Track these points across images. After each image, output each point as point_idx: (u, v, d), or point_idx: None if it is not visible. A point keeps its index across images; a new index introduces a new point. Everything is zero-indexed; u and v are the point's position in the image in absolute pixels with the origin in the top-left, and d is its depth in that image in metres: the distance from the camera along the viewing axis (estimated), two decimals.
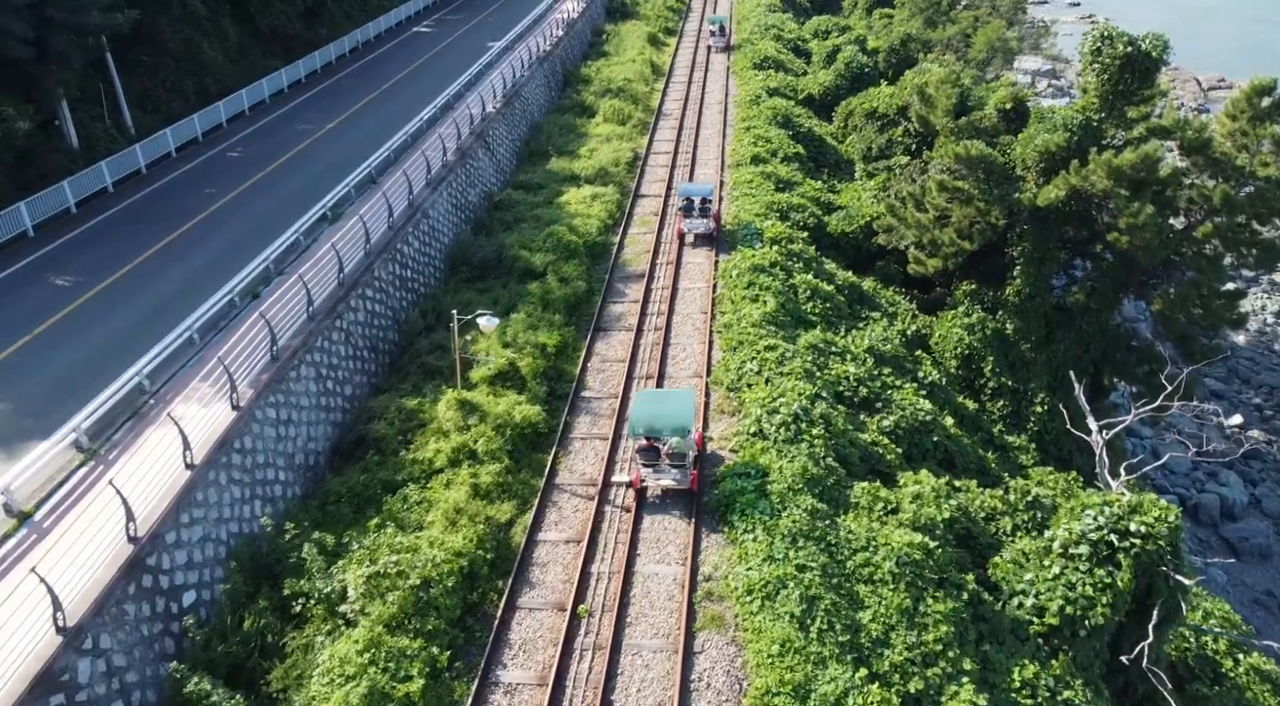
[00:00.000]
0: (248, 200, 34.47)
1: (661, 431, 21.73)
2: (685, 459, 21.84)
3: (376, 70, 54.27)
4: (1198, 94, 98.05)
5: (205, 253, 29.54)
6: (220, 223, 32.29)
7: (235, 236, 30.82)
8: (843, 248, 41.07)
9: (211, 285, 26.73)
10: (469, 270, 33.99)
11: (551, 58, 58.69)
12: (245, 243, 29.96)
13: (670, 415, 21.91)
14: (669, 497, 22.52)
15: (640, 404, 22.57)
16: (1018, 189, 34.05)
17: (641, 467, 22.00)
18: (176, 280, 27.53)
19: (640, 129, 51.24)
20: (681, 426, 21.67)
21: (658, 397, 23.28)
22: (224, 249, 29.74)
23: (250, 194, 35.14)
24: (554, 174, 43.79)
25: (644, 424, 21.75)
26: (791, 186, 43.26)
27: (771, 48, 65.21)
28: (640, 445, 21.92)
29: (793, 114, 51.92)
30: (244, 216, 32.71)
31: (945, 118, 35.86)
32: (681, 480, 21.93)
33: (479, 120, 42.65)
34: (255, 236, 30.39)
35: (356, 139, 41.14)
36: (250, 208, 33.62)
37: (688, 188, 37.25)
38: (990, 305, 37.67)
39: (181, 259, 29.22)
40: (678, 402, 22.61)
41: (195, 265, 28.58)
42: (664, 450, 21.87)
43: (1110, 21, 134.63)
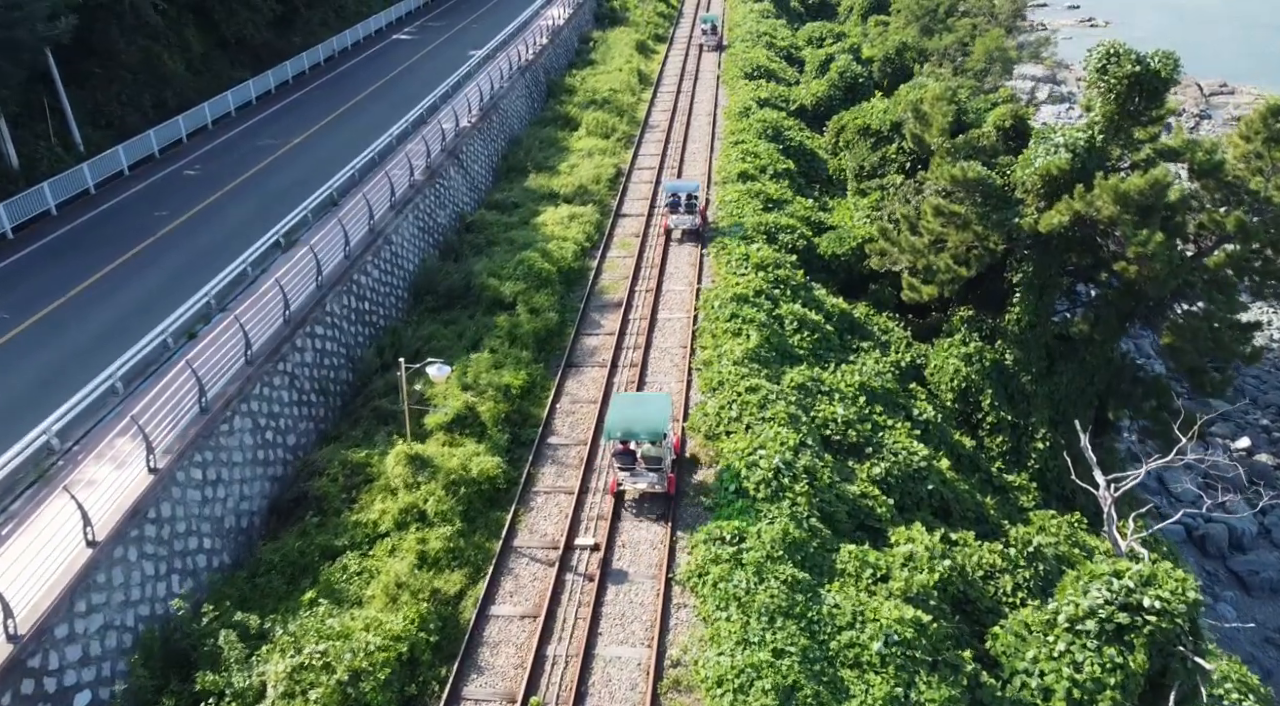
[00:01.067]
0: (200, 224, 32.40)
1: (638, 435, 21.45)
2: (662, 462, 21.78)
3: (350, 81, 52.21)
4: (1199, 99, 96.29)
5: (145, 285, 27.46)
6: (167, 249, 30.21)
7: (180, 266, 28.75)
8: (834, 270, 39.07)
9: (146, 323, 24.65)
10: (434, 299, 31.93)
11: (534, 67, 56.67)
12: (190, 273, 27.89)
13: (647, 418, 21.68)
14: (639, 555, 20.58)
15: (617, 407, 22.34)
16: (1018, 213, 32.06)
17: (619, 471, 21.90)
18: (109, 317, 25.45)
19: (624, 143, 49.22)
20: (658, 430, 21.42)
21: (634, 401, 22.98)
22: (166, 281, 27.67)
23: (203, 217, 33.07)
24: (531, 192, 41.75)
25: (620, 428, 21.50)
26: (781, 205, 41.26)
27: (763, 56, 63.26)
28: (617, 449, 21.84)
29: (783, 127, 49.94)
30: (193, 243, 30.63)
31: (941, 137, 33.87)
32: (658, 483, 21.85)
33: (452, 136, 40.61)
34: (201, 266, 28.32)
35: (322, 156, 39.07)
36: (201, 233, 31.55)
37: (674, 184, 37.54)
38: (988, 333, 35.70)
39: (118, 292, 27.14)
40: (654, 406, 22.30)
41: (132, 299, 26.51)
42: (640, 453, 21.74)
43: (1110, 24, 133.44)
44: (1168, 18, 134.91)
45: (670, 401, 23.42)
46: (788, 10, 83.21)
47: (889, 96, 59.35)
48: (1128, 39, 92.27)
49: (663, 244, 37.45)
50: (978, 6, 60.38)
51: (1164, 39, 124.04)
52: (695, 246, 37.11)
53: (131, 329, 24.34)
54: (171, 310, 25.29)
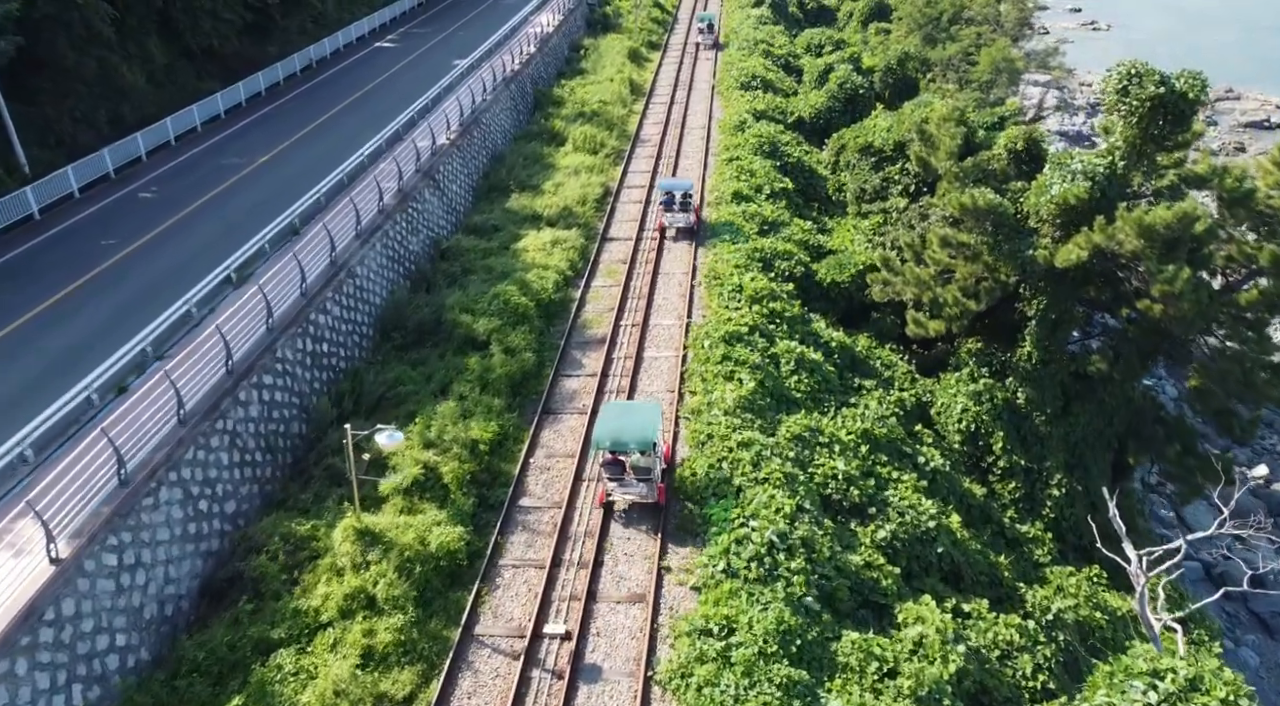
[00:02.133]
0: (150, 254, 29.99)
1: (627, 445, 20.98)
2: (651, 472, 21.40)
3: (328, 92, 49.81)
4: (1205, 105, 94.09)
5: (76, 328, 25.02)
6: (109, 284, 27.80)
7: (121, 304, 26.33)
8: (833, 299, 36.71)
9: (73, 375, 22.24)
10: (402, 337, 29.52)
11: (521, 77, 54.29)
12: (131, 312, 25.48)
13: (636, 428, 21.20)
14: (615, 646, 18.23)
15: (605, 417, 21.94)
16: (1032, 244, 29.72)
17: (607, 482, 21.57)
18: (30, 368, 23.00)
19: (614, 159, 46.86)
20: (647, 440, 20.92)
21: (623, 410, 22.55)
22: (102, 322, 25.25)
23: (155, 245, 30.65)
24: (513, 214, 39.37)
25: (609, 438, 21.00)
26: (777, 228, 38.91)
27: (759, 65, 60.93)
28: (606, 459, 21.49)
29: (780, 142, 47.59)
30: (139, 276, 28.22)
31: (949, 160, 31.52)
32: (648, 494, 21.53)
33: (427, 155, 38.21)
34: (144, 304, 25.91)
35: (289, 175, 36.67)
36: (149, 264, 29.15)
37: (668, 182, 37.58)
38: (998, 368, 33.35)
39: (45, 335, 24.68)
40: (643, 415, 21.89)
41: (60, 346, 24.05)
42: (629, 463, 21.40)
43: (1112, 28, 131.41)
44: (1170, 20, 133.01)
45: (660, 410, 22.69)
46: (785, 16, 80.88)
47: (891, 108, 57.10)
48: (1129, 42, 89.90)
49: (651, 270, 35.11)
50: (982, 14, 58.06)
51: (1167, 42, 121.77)
52: (686, 275, 34.79)
53: (54, 383, 21.92)
54: (104, 357, 22.89)
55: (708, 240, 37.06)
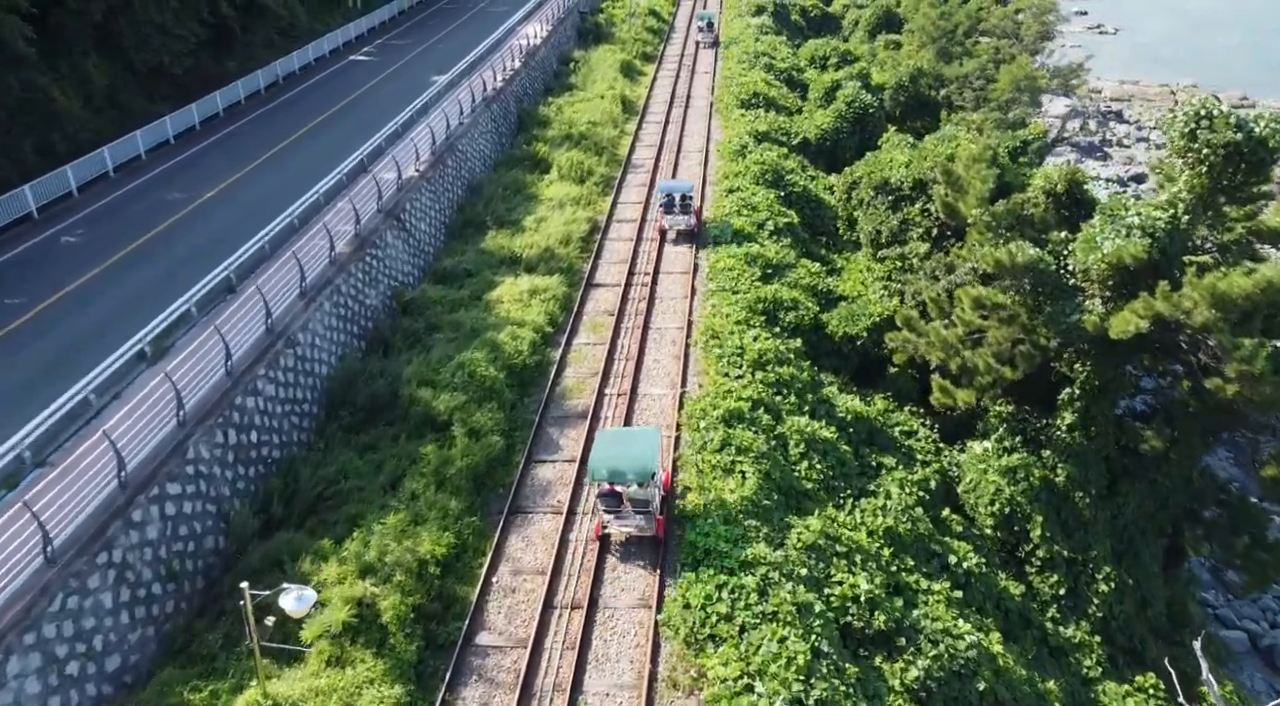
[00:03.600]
0: (60, 316, 25.95)
1: (625, 474, 19.90)
2: (650, 504, 20.47)
3: (292, 112, 45.76)
4: None
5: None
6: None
7: (10, 387, 22.29)
8: (845, 354, 32.77)
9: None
10: (352, 415, 25.50)
11: (504, 95, 50.27)
12: (12, 404, 21.39)
13: (634, 456, 20.19)
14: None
15: (601, 445, 21.05)
16: (1078, 307, 25.77)
17: (603, 514, 20.57)
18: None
19: (603, 189, 42.85)
20: (646, 470, 19.92)
21: (620, 438, 21.50)
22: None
23: (70, 304, 26.62)
24: (488, 255, 35.37)
25: (605, 468, 19.95)
26: (782, 272, 34.93)
27: (761, 80, 56.90)
28: (602, 490, 20.42)
29: (785, 169, 43.60)
30: (35, 351, 24.07)
31: (979, 207, 27.55)
32: (646, 526, 20.64)
33: (392, 190, 34.21)
34: (32, 391, 21.86)
35: (234, 216, 32.65)
36: (56, 330, 25.11)
37: (667, 184, 37.41)
38: (1032, 435, 29.43)
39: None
40: (642, 443, 20.91)
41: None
42: (626, 494, 20.30)
43: (1119, 31, 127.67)
44: (1176, 23, 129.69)
45: (660, 437, 21.68)
46: (788, 24, 76.84)
47: (902, 129, 53.18)
48: (1135, 45, 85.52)
49: (641, 324, 31.15)
50: (1000, 26, 54.11)
51: (1174, 46, 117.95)
52: (681, 330, 30.84)
53: None
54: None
55: (706, 289, 33.10)
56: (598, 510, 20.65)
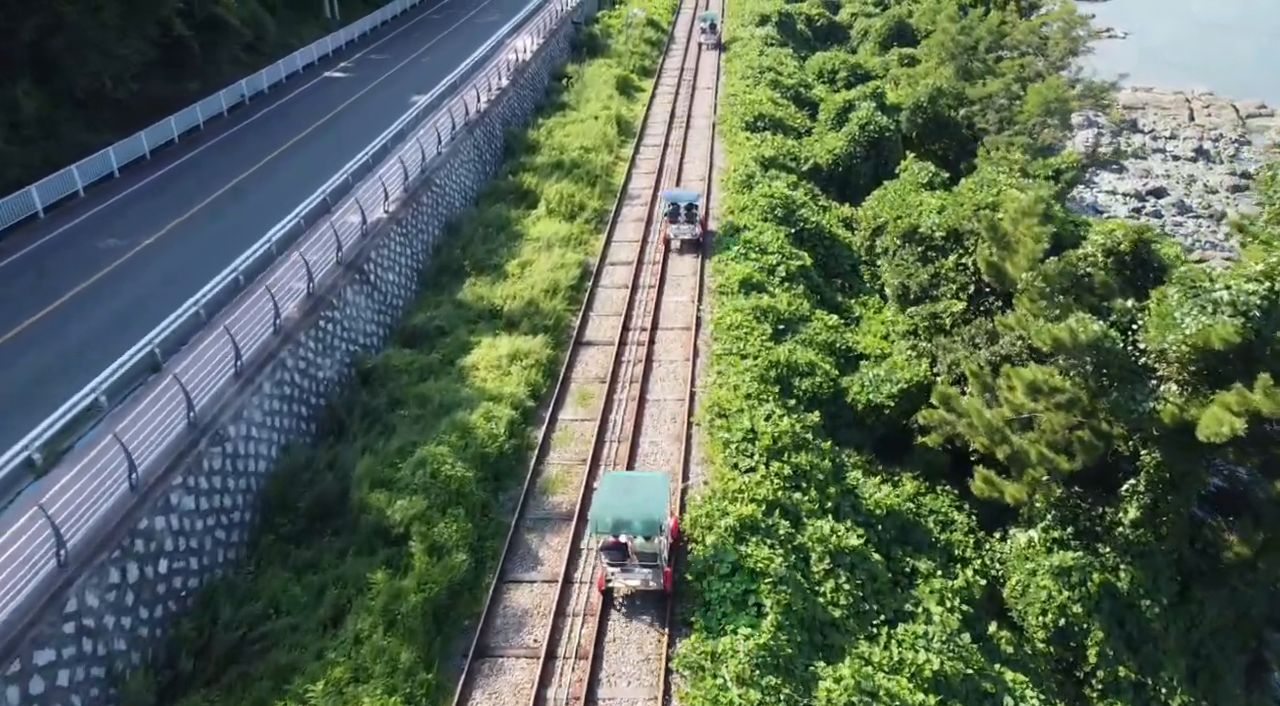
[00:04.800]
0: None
1: (630, 524, 18.62)
2: (658, 557, 19.20)
3: (255, 138, 41.77)
4: (1236, 123, 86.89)
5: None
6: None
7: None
8: (869, 426, 28.84)
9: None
10: (292, 522, 21.50)
11: (489, 118, 46.28)
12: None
13: (640, 506, 18.83)
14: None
15: (605, 493, 19.55)
16: (1153, 393, 21.83)
17: (607, 567, 19.34)
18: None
19: (595, 225, 38.87)
20: (654, 521, 18.63)
21: (625, 485, 19.79)
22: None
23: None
24: (465, 309, 31.40)
25: (610, 518, 18.69)
26: (795, 327, 30.98)
27: (767, 99, 52.93)
28: (606, 543, 19.13)
29: (795, 203, 39.61)
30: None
31: (1030, 271, 23.57)
32: (653, 579, 19.26)
33: (355, 238, 30.23)
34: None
35: (171, 269, 28.67)
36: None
37: (672, 193, 36.21)
38: (1086, 525, 25.52)
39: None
40: (649, 491, 19.45)
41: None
42: (632, 547, 19.08)
43: (1128, 35, 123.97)
44: (1185, 27, 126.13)
45: (668, 484, 20.29)
46: (794, 34, 72.80)
47: (921, 153, 49.29)
48: (1144, 50, 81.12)
49: (638, 394, 27.22)
50: (1026, 41, 50.12)
51: (1184, 50, 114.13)
52: (682, 402, 26.90)
53: None
54: None
55: (711, 351, 29.14)
56: (600, 563, 19.22)
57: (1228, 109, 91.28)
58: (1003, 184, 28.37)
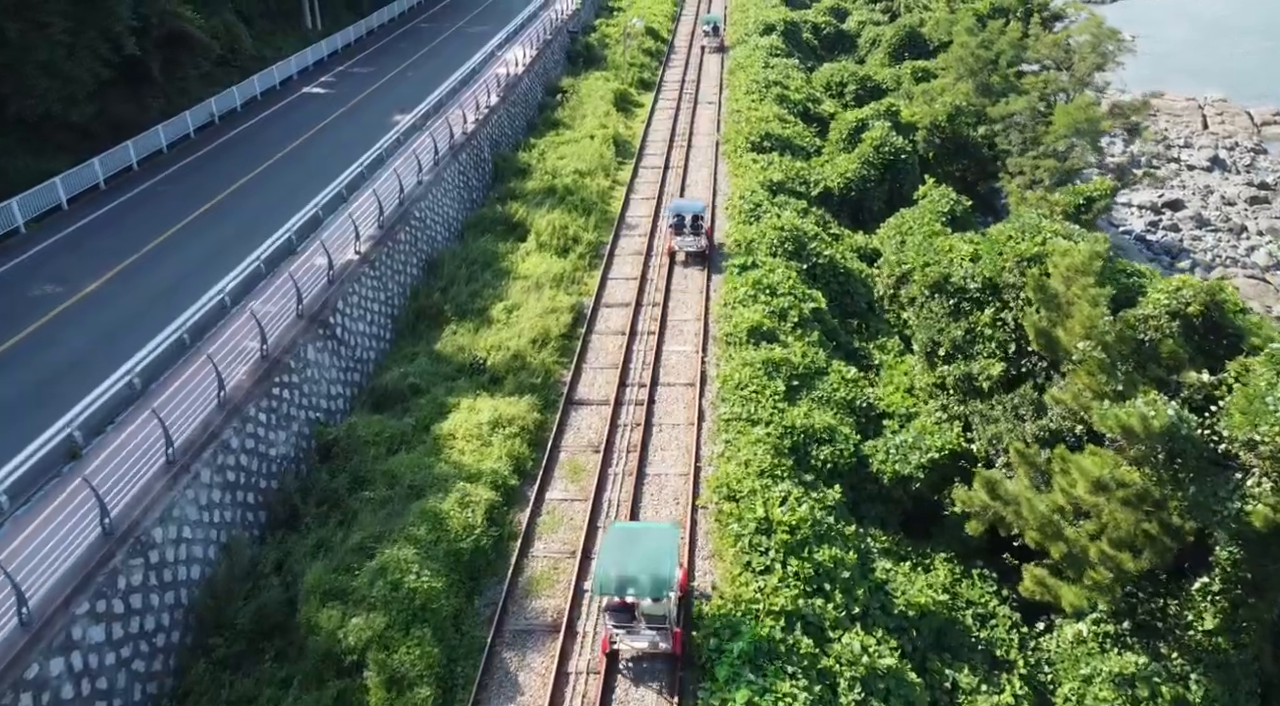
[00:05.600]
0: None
1: (637, 582, 17.02)
2: (667, 619, 17.60)
3: (222, 163, 38.55)
4: (1251, 131, 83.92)
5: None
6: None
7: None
8: (895, 500, 25.68)
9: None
10: (229, 643, 18.29)
11: (477, 139, 43.09)
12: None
13: (648, 564, 17.22)
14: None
15: (610, 548, 18.05)
16: (1237, 489, 18.68)
17: (612, 628, 17.66)
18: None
19: (590, 260, 35.68)
20: (663, 579, 17.09)
21: (630, 539, 18.32)
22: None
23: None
24: (444, 362, 28.23)
25: (615, 578, 17.08)
26: (810, 382, 27.82)
27: (773, 116, 49.74)
28: (611, 603, 17.54)
29: (807, 236, 36.43)
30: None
31: (1088, 340, 20.37)
32: (662, 641, 17.63)
33: (320, 287, 27.05)
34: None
35: (110, 323, 25.46)
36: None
37: (678, 204, 35.09)
38: (1145, 622, 22.38)
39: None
40: (657, 545, 17.93)
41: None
42: (639, 608, 17.46)
43: (1137, 38, 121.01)
44: (1194, 31, 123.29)
45: (678, 537, 19.24)
46: (799, 44, 69.66)
47: (939, 176, 46.14)
48: (1156, 55, 77.93)
49: (636, 467, 24.09)
50: (1051, 55, 46.95)
51: (1195, 54, 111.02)
52: (686, 478, 23.76)
53: None
54: None
55: (718, 414, 25.98)
56: (605, 623, 17.86)
57: (1242, 116, 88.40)
58: (1047, 231, 25.15)
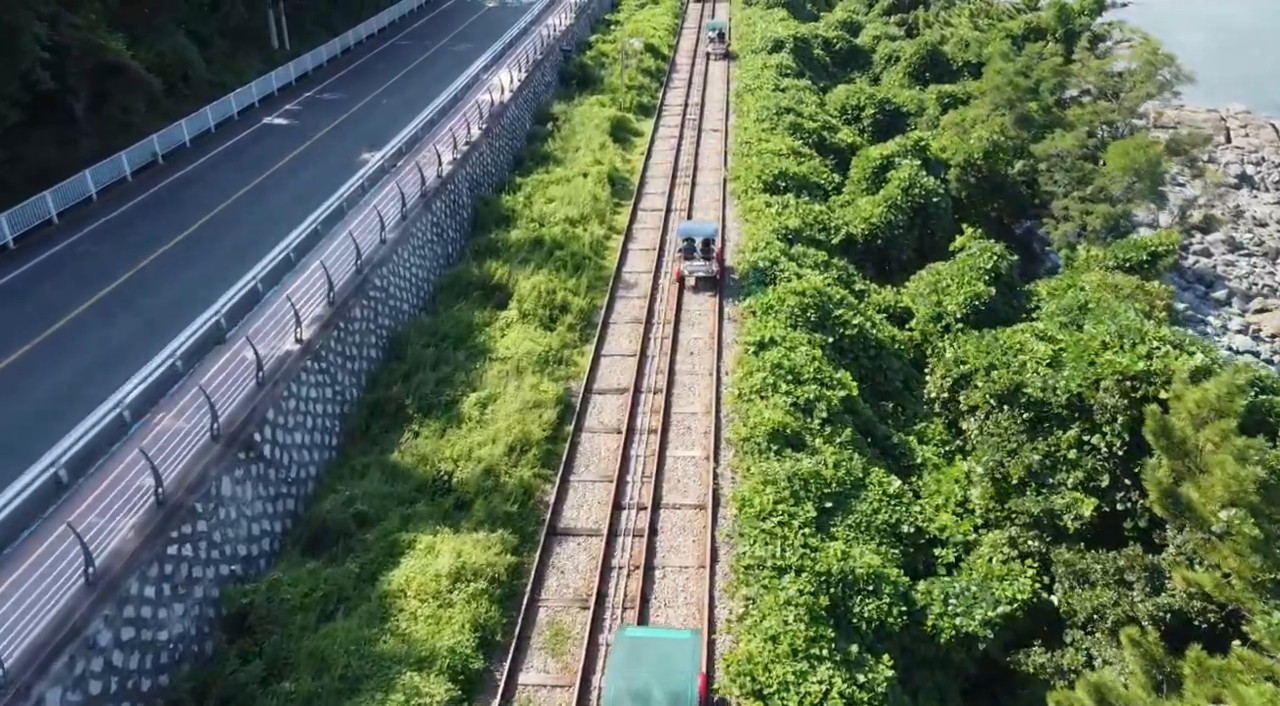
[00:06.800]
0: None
1: (649, 694, 15.42)
2: None
3: (153, 217, 33.40)
4: (1278, 144, 79.13)
5: None
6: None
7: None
8: (956, 666, 20.73)
9: None
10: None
11: (454, 182, 38.07)
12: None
13: (666, 679, 15.57)
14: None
15: (620, 657, 16.15)
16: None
17: None
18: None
19: (581, 332, 30.66)
20: (682, 696, 15.45)
21: (645, 652, 16.17)
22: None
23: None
24: (401, 478, 23.23)
25: (628, 698, 15.37)
26: (845, 502, 22.87)
27: (787, 148, 44.78)
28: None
29: (831, 301, 31.48)
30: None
31: (1235, 504, 15.39)
32: None
33: (248, 392, 22.01)
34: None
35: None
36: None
37: (688, 227, 33.48)
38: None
39: None
40: (675, 656, 16.01)
41: None
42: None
43: None
44: (1214, 37, 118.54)
45: (698, 646, 16.60)
46: (810, 62, 64.67)
47: (974, 220, 41.28)
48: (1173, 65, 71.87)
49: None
50: (1100, 83, 41.99)
51: (1217, 65, 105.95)
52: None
53: None
54: None
55: (736, 556, 21.00)
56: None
57: (1266, 128, 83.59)
58: (1153, 339, 20.12)
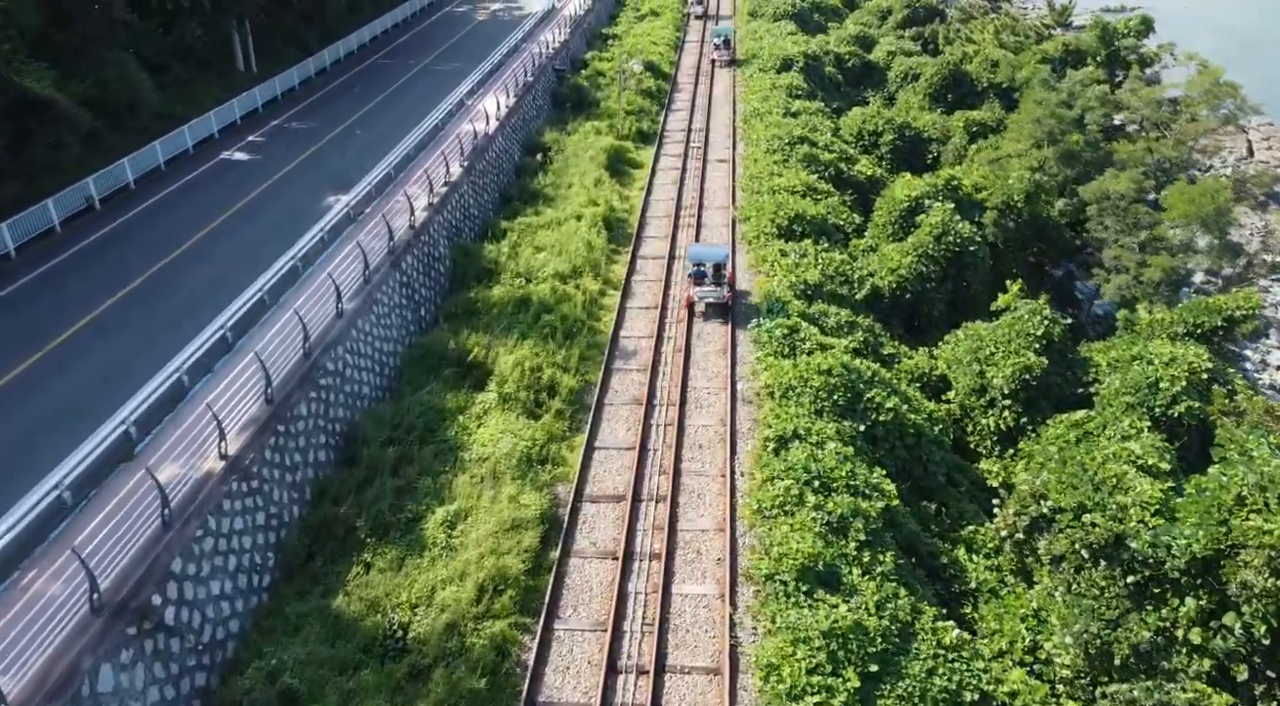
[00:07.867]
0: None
1: None
2: None
3: (77, 279, 28.98)
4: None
5: None
6: None
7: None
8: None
9: None
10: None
11: (429, 231, 33.63)
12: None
13: None
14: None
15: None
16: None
17: None
18: None
19: (571, 420, 26.23)
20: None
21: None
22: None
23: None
24: (345, 633, 18.81)
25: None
26: (893, 662, 18.54)
27: (801, 185, 40.43)
28: None
29: (861, 380, 27.11)
30: None
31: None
32: None
33: (145, 540, 17.57)
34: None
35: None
36: None
37: (698, 251, 31.61)
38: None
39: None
40: None
41: None
42: None
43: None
44: (1225, 43, 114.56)
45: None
46: (823, 82, 60.29)
47: (1011, 265, 37.04)
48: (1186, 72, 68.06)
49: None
50: (1153, 115, 37.63)
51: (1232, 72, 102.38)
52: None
53: None
54: None
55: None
56: None
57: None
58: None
